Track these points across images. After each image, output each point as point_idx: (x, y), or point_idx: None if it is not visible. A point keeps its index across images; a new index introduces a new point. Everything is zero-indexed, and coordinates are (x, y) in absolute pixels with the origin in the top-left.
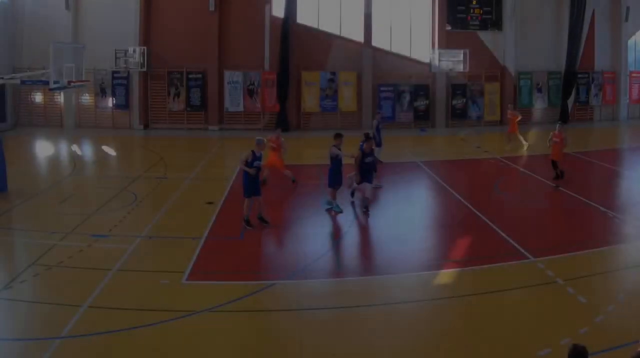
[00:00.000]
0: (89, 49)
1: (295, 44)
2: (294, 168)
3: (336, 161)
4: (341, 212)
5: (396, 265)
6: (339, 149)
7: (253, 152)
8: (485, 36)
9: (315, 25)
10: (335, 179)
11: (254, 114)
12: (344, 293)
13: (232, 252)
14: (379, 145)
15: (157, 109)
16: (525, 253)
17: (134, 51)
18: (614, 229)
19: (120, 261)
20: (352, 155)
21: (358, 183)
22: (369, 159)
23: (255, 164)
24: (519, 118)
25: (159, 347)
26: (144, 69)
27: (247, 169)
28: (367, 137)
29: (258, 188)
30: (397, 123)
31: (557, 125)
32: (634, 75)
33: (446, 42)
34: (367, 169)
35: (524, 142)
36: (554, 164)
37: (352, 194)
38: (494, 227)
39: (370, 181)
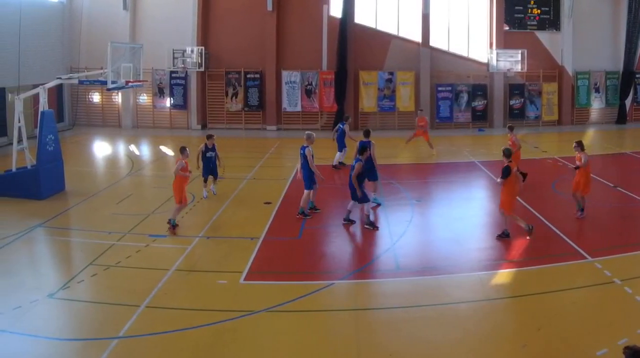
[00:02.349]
0: (146, 49)
1: (353, 44)
2: (348, 168)
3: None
4: (379, 204)
5: (454, 265)
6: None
7: (308, 147)
8: (543, 36)
9: (373, 25)
10: (373, 173)
11: (312, 114)
12: (401, 293)
13: (290, 252)
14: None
15: (215, 108)
16: (583, 253)
17: (192, 51)
18: None
19: (178, 261)
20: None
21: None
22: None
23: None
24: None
25: (216, 347)
26: (202, 69)
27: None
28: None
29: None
30: (455, 123)
31: (507, 129)
32: None
33: (504, 42)
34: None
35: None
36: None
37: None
38: (552, 226)
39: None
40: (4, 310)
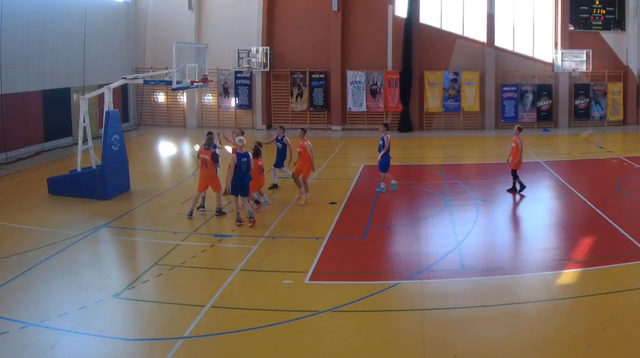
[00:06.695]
0: (211, 49)
1: (417, 44)
2: (414, 168)
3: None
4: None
5: (519, 265)
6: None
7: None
8: (608, 36)
9: (438, 25)
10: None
11: (377, 114)
12: (467, 293)
13: (355, 252)
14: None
15: (280, 108)
16: None
17: (257, 51)
18: None
19: (243, 261)
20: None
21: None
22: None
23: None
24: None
25: (281, 347)
26: (267, 69)
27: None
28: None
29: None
30: (520, 123)
31: (515, 128)
32: None
33: (569, 42)
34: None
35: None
36: (513, 173)
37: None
38: (617, 226)
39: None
40: (69, 310)
